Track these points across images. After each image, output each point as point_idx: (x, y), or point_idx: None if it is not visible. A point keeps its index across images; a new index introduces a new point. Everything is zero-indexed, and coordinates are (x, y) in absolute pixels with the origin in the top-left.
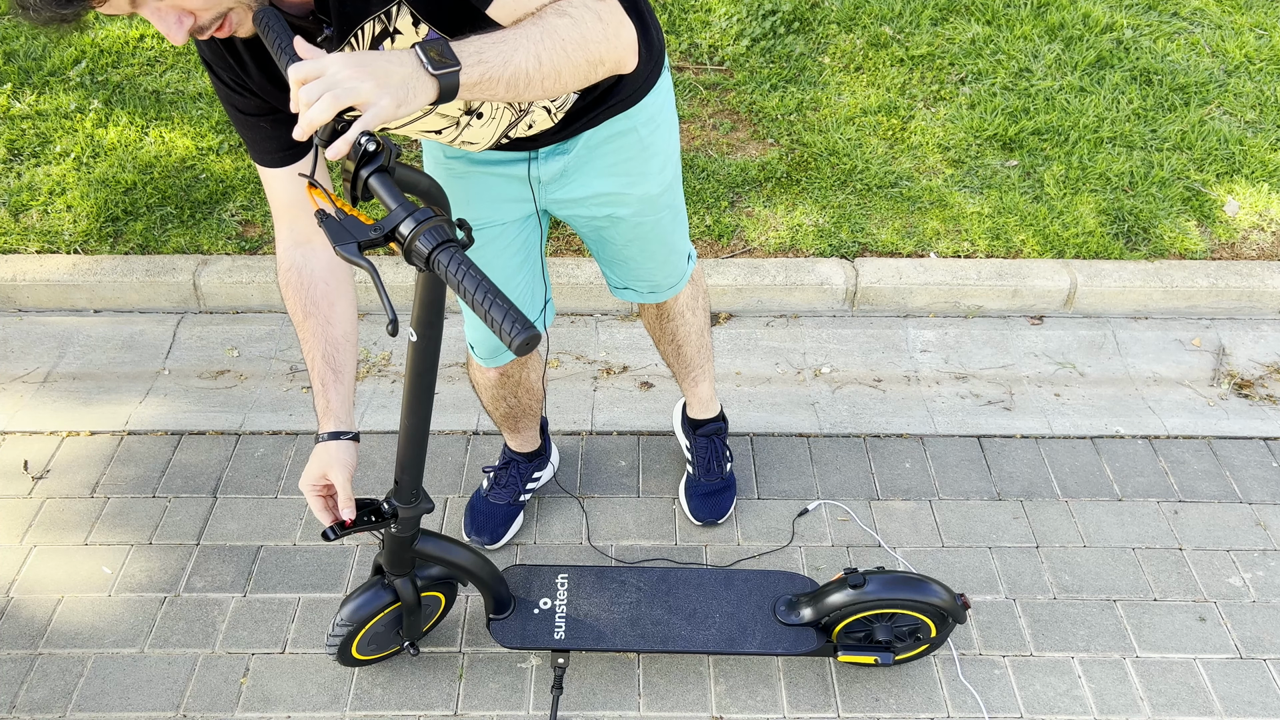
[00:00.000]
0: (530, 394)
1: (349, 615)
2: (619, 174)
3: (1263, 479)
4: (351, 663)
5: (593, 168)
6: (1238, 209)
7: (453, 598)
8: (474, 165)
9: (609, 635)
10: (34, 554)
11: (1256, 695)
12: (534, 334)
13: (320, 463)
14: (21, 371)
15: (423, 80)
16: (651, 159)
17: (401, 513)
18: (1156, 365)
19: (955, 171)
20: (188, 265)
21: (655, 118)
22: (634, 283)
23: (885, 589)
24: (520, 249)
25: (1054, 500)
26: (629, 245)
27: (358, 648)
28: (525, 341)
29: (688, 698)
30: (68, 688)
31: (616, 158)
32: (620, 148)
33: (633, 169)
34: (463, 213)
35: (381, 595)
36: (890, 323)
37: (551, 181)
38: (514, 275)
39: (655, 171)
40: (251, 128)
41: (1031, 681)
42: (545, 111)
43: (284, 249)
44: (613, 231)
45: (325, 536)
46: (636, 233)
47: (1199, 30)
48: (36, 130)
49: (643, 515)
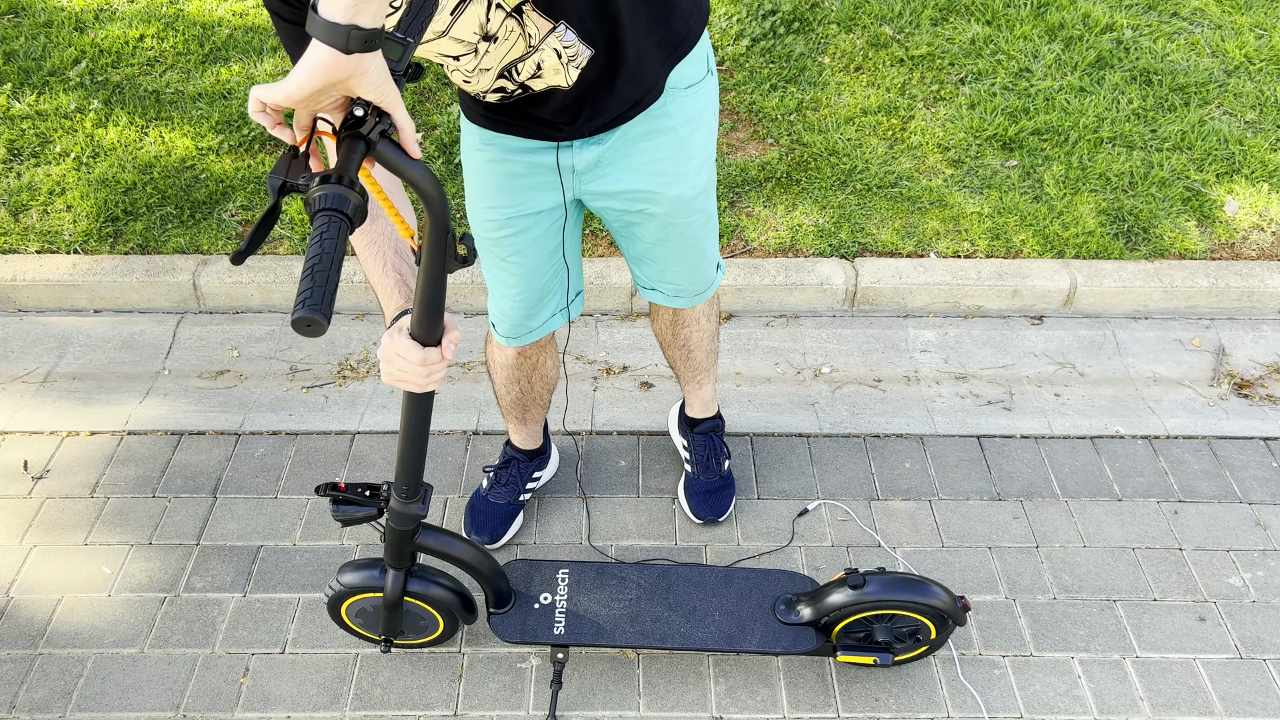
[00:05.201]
0: (544, 381)
1: (343, 578)
2: (654, 172)
3: (1263, 479)
4: (340, 622)
5: (628, 162)
6: (1238, 209)
7: (453, 628)
8: (507, 153)
9: (608, 631)
10: (34, 554)
11: (1256, 695)
12: (310, 318)
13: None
14: (21, 371)
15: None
16: (689, 160)
17: (395, 505)
18: (1156, 365)
19: (955, 171)
20: (188, 265)
21: (695, 119)
22: (661, 284)
23: (885, 590)
24: (550, 239)
25: (1054, 500)
26: (657, 245)
27: (347, 613)
28: (301, 320)
29: (688, 697)
30: (68, 688)
31: (653, 155)
32: (658, 145)
33: (669, 168)
34: (494, 201)
35: (375, 577)
36: (890, 323)
37: (586, 172)
38: (543, 265)
39: (691, 173)
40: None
41: (1031, 681)
42: (555, 55)
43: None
44: (642, 229)
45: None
46: (666, 233)
47: (1199, 30)
48: (36, 130)
49: (643, 515)
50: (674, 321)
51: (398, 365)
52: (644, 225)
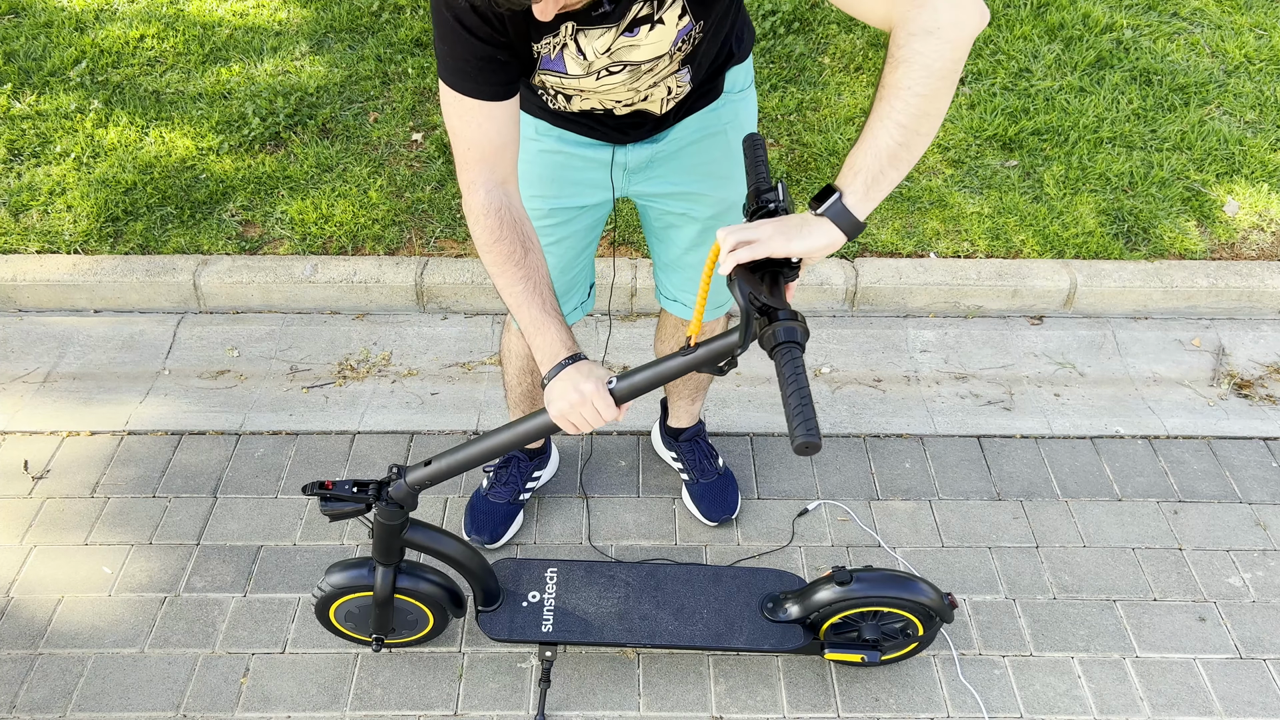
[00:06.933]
0: None
1: (330, 579)
2: (703, 175)
3: (1262, 479)
4: (329, 626)
5: (680, 163)
6: (1237, 209)
7: (442, 623)
8: (563, 145)
9: (597, 629)
10: (34, 554)
11: (1256, 695)
12: (814, 442)
13: (582, 374)
14: (21, 371)
15: (815, 222)
16: (735, 166)
17: (391, 495)
18: (1156, 365)
19: (955, 171)
20: (188, 265)
21: (743, 124)
22: (684, 296)
23: (871, 587)
24: (588, 234)
25: (1054, 500)
26: (691, 251)
27: (335, 615)
28: (808, 445)
29: (688, 697)
30: (68, 688)
31: (704, 157)
32: (709, 148)
33: (718, 171)
34: (542, 190)
35: (363, 576)
36: (890, 323)
37: (637, 171)
38: (577, 259)
39: (737, 179)
40: (483, 67)
41: (1031, 681)
42: (666, 90)
43: (485, 190)
44: (680, 232)
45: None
46: (703, 239)
47: (1199, 30)
48: (36, 130)
49: (643, 515)
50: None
51: (584, 411)
52: (683, 229)
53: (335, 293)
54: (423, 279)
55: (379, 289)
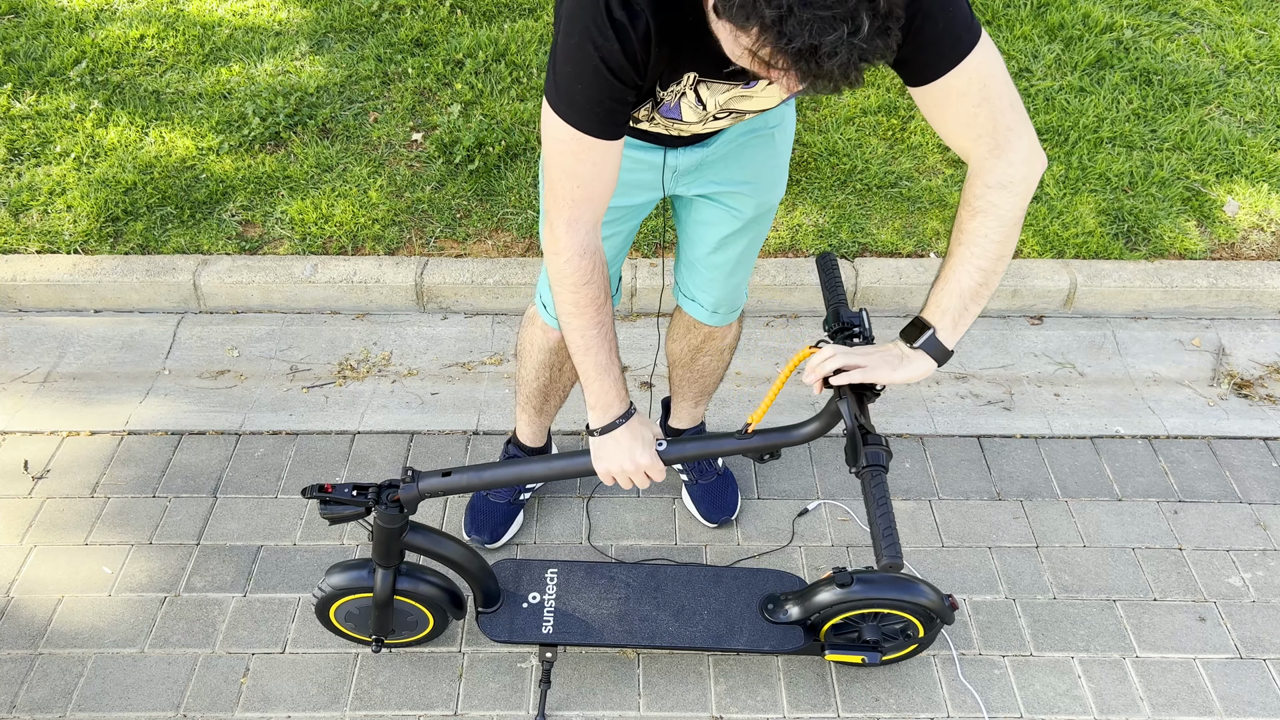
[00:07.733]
0: (573, 373)
1: (330, 580)
2: (751, 174)
3: (1262, 479)
4: (329, 626)
5: (727, 163)
6: (1237, 209)
7: (442, 624)
8: None
9: (597, 630)
10: (34, 554)
11: (1256, 695)
12: (901, 563)
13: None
14: (21, 371)
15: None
16: (778, 168)
17: (402, 498)
18: (1156, 365)
19: (955, 171)
20: (188, 265)
21: (786, 127)
22: (701, 295)
23: (872, 589)
24: (630, 234)
25: (1054, 500)
26: (719, 251)
27: (336, 615)
28: (894, 565)
29: (688, 698)
30: (68, 688)
31: (751, 158)
32: (757, 146)
33: (763, 170)
34: None
35: (363, 578)
36: (890, 323)
37: (687, 173)
38: (618, 255)
39: (779, 181)
40: (614, 109)
41: (1031, 681)
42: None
43: (586, 230)
44: (714, 230)
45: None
46: (732, 240)
47: (1199, 30)
48: (36, 130)
49: (643, 515)
50: (698, 349)
51: (636, 478)
52: (718, 227)
53: (335, 293)
54: (423, 279)
55: (379, 289)
